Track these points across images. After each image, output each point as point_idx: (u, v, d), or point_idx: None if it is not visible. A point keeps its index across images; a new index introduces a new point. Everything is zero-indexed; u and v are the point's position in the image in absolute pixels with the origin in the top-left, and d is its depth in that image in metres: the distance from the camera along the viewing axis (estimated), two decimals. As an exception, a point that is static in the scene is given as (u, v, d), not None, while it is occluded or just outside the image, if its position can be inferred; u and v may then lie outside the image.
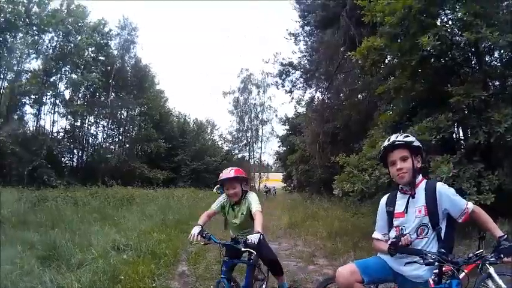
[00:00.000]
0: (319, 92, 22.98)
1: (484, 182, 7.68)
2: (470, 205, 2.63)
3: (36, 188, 22.69)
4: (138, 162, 38.48)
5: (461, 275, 3.31)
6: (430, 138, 8.39)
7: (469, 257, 2.53)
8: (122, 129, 42.24)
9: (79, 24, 34.03)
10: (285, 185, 36.21)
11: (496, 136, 7.64)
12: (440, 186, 2.70)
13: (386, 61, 12.21)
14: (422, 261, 2.45)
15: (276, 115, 48.64)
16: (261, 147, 52.77)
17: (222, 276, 3.79)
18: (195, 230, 3.76)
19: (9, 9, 29.98)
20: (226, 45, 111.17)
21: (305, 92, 26.41)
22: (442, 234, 2.68)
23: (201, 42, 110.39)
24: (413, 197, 2.73)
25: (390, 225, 2.86)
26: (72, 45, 33.30)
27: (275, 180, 47.76)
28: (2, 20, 29.58)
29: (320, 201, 17.53)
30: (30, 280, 4.67)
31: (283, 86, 27.38)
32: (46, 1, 32.36)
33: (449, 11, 9.24)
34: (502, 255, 2.38)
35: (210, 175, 40.50)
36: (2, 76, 30.71)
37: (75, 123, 36.53)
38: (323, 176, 19.49)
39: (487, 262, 2.51)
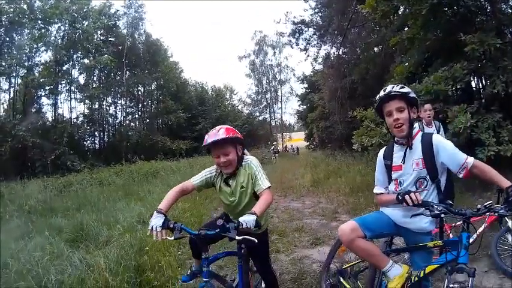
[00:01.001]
0: (334, 47, 22.65)
1: (503, 133, 7.52)
2: (470, 160, 2.54)
3: (61, 175, 23.29)
4: (159, 135, 38.87)
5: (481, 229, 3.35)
6: (446, 88, 8.29)
7: (477, 208, 2.42)
8: (140, 105, 42.59)
9: (84, 10, 33.93)
10: (308, 143, 36.21)
11: (514, 86, 7.49)
12: (437, 139, 2.68)
13: (399, 12, 11.97)
14: (428, 213, 2.41)
15: (294, 74, 48.64)
16: (281, 108, 53.00)
17: (205, 279, 2.83)
18: (156, 222, 2.86)
19: (12, 9, 30.05)
20: (237, 8, 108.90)
21: (320, 49, 26.13)
22: (442, 187, 2.68)
23: (210, 8, 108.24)
24: (410, 148, 2.72)
25: (390, 179, 2.86)
26: (80, 31, 33.32)
27: (298, 139, 47.93)
28: (6, 21, 29.69)
29: (342, 157, 17.53)
30: (60, 263, 4.73)
31: (297, 44, 27.11)
32: None
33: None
34: None
35: (231, 140, 40.83)
36: (14, 74, 30.98)
37: (93, 106, 36.77)
38: (344, 132, 19.41)
39: (497, 214, 2.36)
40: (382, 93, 2.75)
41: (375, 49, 18.53)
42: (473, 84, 9.63)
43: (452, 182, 2.81)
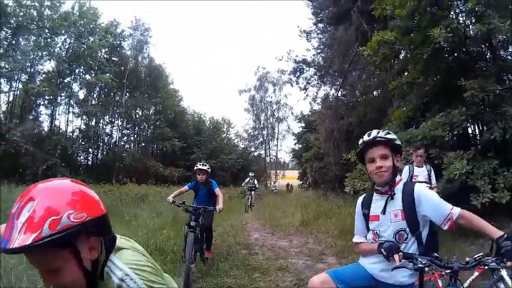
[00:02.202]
0: (334, 88, 22.77)
1: (499, 179, 7.39)
2: (456, 210, 2.37)
3: None
4: (153, 160, 38.81)
5: (472, 277, 3.11)
6: (443, 133, 8.25)
7: (466, 261, 2.25)
8: (137, 128, 42.82)
9: (91, 26, 34.62)
10: (301, 182, 36.10)
11: (511, 132, 7.42)
12: (419, 189, 2.52)
13: (401, 56, 12.04)
14: (411, 266, 2.22)
15: (292, 113, 48.88)
16: (277, 145, 53.05)
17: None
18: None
19: (22, 13, 30.57)
20: (241, 43, 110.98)
21: (319, 89, 26.23)
22: (424, 238, 2.51)
23: (214, 41, 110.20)
24: (392, 198, 2.55)
25: (368, 229, 2.71)
26: (85, 46, 33.87)
27: (292, 177, 47.70)
28: (14, 24, 30.06)
29: (334, 198, 17.36)
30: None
31: (297, 83, 27.15)
32: (58, 4, 32.96)
33: (460, 2, 8.93)
34: (504, 259, 2.07)
35: (225, 173, 40.77)
36: (16, 77, 31.21)
37: (90, 123, 37.10)
38: (338, 174, 19.21)
39: (488, 267, 2.18)
40: (366, 137, 2.59)
41: (374, 92, 18.63)
42: (469, 130, 9.56)
43: (435, 232, 2.59)
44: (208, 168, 6.86)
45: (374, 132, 2.56)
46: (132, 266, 1.39)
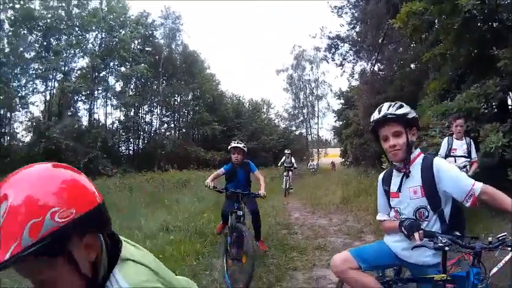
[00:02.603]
0: (370, 63, 22.31)
1: (537, 153, 7.06)
2: (478, 185, 2.26)
3: (93, 178, 23.54)
4: (194, 145, 39.52)
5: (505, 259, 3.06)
6: (479, 105, 7.96)
7: (489, 241, 2.15)
8: (176, 115, 43.84)
9: (121, 19, 35.56)
10: (343, 160, 35.74)
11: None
12: (439, 163, 2.44)
13: (433, 28, 11.67)
14: (432, 245, 2.19)
15: (331, 90, 48.05)
16: (317, 123, 52.49)
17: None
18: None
19: (50, 15, 31.72)
20: (274, 22, 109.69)
21: (355, 64, 25.85)
22: (447, 216, 2.43)
23: (247, 22, 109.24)
24: (407, 176, 2.50)
25: (390, 205, 2.67)
26: (116, 39, 34.91)
27: (334, 155, 47.25)
28: (43, 26, 31.16)
29: (374, 175, 17.14)
30: None
31: (333, 59, 26.83)
32: (85, 1, 33.93)
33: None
34: None
35: (267, 154, 40.93)
36: (51, 77, 32.47)
37: (129, 114, 38.15)
38: (377, 150, 18.93)
39: (510, 249, 2.09)
40: (376, 114, 2.52)
41: (411, 65, 18.15)
42: (509, 101, 9.15)
43: (461, 209, 2.52)
44: (244, 147, 6.15)
45: (384, 108, 2.48)
46: None
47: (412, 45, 16.79)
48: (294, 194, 17.18)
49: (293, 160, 18.74)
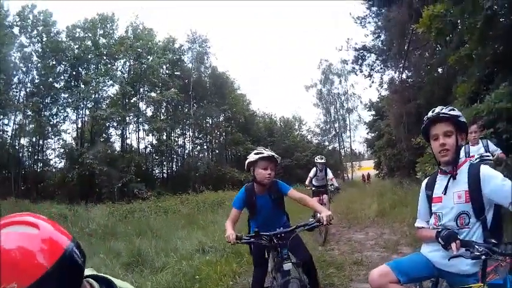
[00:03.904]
0: (398, 71, 22.06)
1: None
2: None
3: (127, 202, 24.41)
4: (228, 166, 39.80)
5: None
6: (508, 105, 7.66)
7: None
8: (208, 136, 44.31)
9: (148, 46, 36.12)
10: (377, 172, 35.18)
11: None
12: (485, 170, 2.38)
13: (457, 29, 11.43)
14: (468, 255, 2.15)
15: (361, 101, 47.81)
16: (350, 136, 52.08)
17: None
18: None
19: (77, 46, 33.11)
20: (299, 39, 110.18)
21: (383, 74, 25.74)
22: (489, 223, 2.36)
23: (272, 41, 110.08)
24: (454, 178, 2.44)
25: (430, 212, 2.60)
26: (145, 66, 35.54)
27: (367, 168, 46.67)
28: (71, 57, 32.50)
29: (409, 185, 16.78)
30: None
31: (361, 71, 26.93)
32: (111, 31, 35.29)
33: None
34: None
35: (301, 170, 40.59)
36: (82, 105, 33.68)
37: (161, 138, 38.61)
38: (411, 159, 18.60)
39: None
40: (430, 114, 2.50)
41: (439, 70, 17.84)
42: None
43: (500, 215, 2.42)
44: (278, 157, 3.71)
45: (438, 109, 2.47)
46: None
47: (438, 49, 16.51)
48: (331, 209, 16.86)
49: (330, 174, 10.07)
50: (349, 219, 12.44)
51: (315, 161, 10.00)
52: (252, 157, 3.65)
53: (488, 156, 5.74)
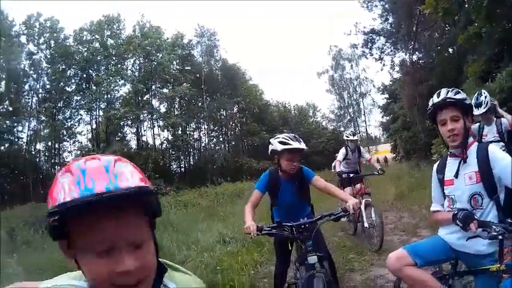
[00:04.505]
0: (408, 53, 21.84)
1: None
2: None
3: None
4: (245, 157, 39.93)
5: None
6: (519, 84, 7.60)
7: None
8: (224, 128, 44.34)
9: (157, 43, 36.01)
10: (394, 155, 34.86)
11: None
12: (493, 150, 2.40)
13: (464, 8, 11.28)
14: (486, 235, 2.14)
15: (374, 85, 47.30)
16: (365, 121, 51.73)
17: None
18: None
19: (85, 48, 33.34)
20: (307, 25, 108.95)
21: (394, 56, 25.57)
22: (502, 203, 2.36)
23: (280, 30, 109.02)
24: (465, 161, 2.45)
25: (444, 195, 2.59)
26: (155, 63, 35.58)
27: (385, 151, 46.28)
28: (80, 60, 32.76)
29: (426, 167, 16.63)
30: None
31: (371, 54, 26.92)
32: (118, 32, 35.40)
33: None
34: None
35: (318, 157, 40.53)
36: (95, 106, 34.00)
37: (177, 133, 38.74)
38: (427, 141, 18.46)
39: None
40: (436, 98, 2.48)
41: (450, 50, 17.62)
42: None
43: None
44: (306, 148, 3.57)
45: (443, 93, 2.45)
46: None
47: (446, 28, 16.30)
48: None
49: (366, 155, 9.12)
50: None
51: (345, 138, 7.85)
52: (277, 146, 3.41)
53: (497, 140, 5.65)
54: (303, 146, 3.40)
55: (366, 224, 6.48)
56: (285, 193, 3.62)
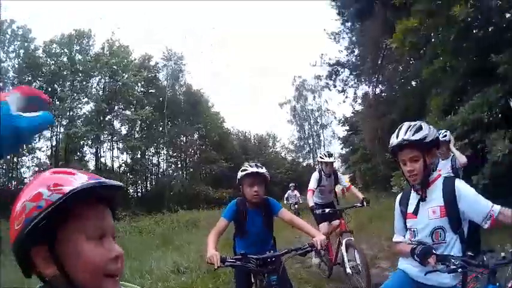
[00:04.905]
0: (372, 86, 22.38)
1: (551, 156, 6.87)
2: (496, 207, 2.23)
3: None
4: (202, 184, 39.26)
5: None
6: (482, 115, 7.78)
7: (503, 256, 2.09)
8: (183, 155, 43.76)
9: (124, 63, 35.81)
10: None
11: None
12: (459, 184, 2.39)
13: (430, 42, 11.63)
14: (445, 269, 2.11)
15: (335, 117, 47.95)
16: (324, 152, 52.29)
17: None
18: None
19: (53, 61, 32.71)
20: (272, 56, 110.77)
21: (357, 89, 26.10)
22: (465, 236, 2.38)
23: (246, 59, 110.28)
24: (423, 200, 2.45)
25: (405, 226, 2.60)
26: (120, 84, 35.20)
27: (343, 183, 46.99)
28: (47, 73, 32.29)
29: (385, 199, 16.85)
30: None
31: (335, 86, 27.29)
32: (87, 47, 34.94)
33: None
34: None
35: (277, 187, 40.52)
36: (56, 123, 32.97)
37: (136, 156, 38.37)
38: (386, 173, 18.73)
39: None
40: (394, 139, 2.46)
41: (413, 83, 18.14)
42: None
43: (477, 228, 2.42)
44: (267, 173, 3.54)
45: (402, 132, 2.42)
46: None
47: (411, 62, 16.77)
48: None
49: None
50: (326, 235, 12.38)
51: (319, 160, 6.70)
52: (239, 174, 3.53)
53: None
54: (260, 170, 3.42)
55: (348, 270, 5.47)
56: (252, 224, 3.58)
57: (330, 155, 6.60)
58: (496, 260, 2.07)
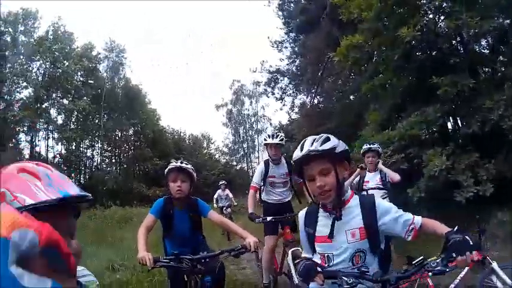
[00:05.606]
0: (310, 96, 22.89)
1: (481, 172, 7.37)
2: (418, 219, 2.07)
3: None
4: (136, 181, 38.59)
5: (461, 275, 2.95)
6: (420, 132, 8.25)
7: (404, 269, 2.06)
8: (117, 150, 42.70)
9: (66, 50, 34.56)
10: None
11: (490, 124, 7.38)
12: (379, 201, 2.21)
13: (373, 60, 12.09)
14: (337, 287, 1.94)
15: (271, 124, 48.52)
16: (258, 157, 52.56)
17: None
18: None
19: None
20: (213, 58, 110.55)
21: (295, 98, 26.50)
22: (381, 254, 2.22)
23: (188, 57, 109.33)
24: (339, 219, 2.11)
25: (313, 249, 2.24)
26: (60, 71, 33.79)
27: (275, 189, 47.63)
28: None
29: (319, 207, 17.30)
30: None
31: (273, 93, 27.61)
32: (32, 29, 33.28)
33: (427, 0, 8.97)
34: (453, 255, 1.79)
35: (209, 189, 40.35)
36: None
37: (70, 148, 36.88)
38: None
39: (432, 272, 1.91)
40: (298, 152, 2.09)
41: (351, 97, 18.71)
42: (449, 126, 9.58)
43: (388, 243, 2.37)
44: (193, 171, 3.68)
45: (307, 144, 2.06)
46: None
47: (352, 77, 17.31)
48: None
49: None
50: (259, 238, 12.53)
51: (264, 142, 5.92)
52: (167, 169, 3.65)
53: (385, 196, 5.77)
54: (184, 165, 3.53)
55: (296, 280, 4.43)
56: (179, 224, 3.62)
57: (277, 135, 5.53)
58: (397, 274, 1.97)
